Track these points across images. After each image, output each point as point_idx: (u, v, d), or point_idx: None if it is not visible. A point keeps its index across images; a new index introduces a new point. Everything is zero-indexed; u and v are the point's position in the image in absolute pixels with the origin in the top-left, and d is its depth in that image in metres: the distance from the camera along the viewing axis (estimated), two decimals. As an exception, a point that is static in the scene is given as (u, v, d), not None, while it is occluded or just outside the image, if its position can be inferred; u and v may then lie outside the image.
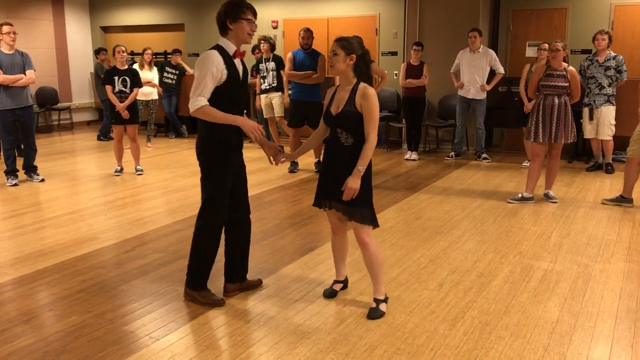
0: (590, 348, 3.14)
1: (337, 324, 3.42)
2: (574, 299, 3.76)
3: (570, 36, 9.16)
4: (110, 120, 8.03)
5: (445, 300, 3.75)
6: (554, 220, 5.56)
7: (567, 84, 5.93)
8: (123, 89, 7.54)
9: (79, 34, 13.27)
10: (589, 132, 7.81)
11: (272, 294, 3.84)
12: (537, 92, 6.13)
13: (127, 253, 4.70)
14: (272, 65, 8.64)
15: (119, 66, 7.60)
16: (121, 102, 7.48)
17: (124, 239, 5.05)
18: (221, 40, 3.53)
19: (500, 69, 8.60)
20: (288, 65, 7.66)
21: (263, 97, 8.93)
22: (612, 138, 7.68)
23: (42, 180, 7.38)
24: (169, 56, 11.54)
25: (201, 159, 3.59)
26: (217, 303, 3.66)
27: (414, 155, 8.87)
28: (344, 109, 3.37)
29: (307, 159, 8.29)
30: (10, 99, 6.98)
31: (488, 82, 8.61)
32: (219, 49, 3.48)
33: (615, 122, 7.65)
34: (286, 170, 7.88)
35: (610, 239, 4.98)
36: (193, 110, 3.42)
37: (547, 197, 6.28)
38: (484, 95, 8.65)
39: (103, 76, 8.05)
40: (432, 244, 4.86)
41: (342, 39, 3.39)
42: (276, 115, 8.83)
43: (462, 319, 3.48)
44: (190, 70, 11.01)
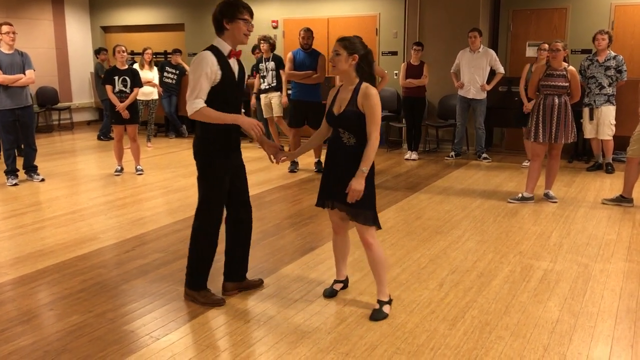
0: (591, 348, 3.14)
1: (337, 323, 3.42)
2: (574, 299, 3.76)
3: (570, 36, 9.17)
4: (111, 120, 8.04)
5: (445, 300, 3.75)
6: (554, 220, 5.56)
7: (567, 84, 5.93)
8: (123, 88, 7.55)
9: (79, 34, 13.28)
10: (589, 132, 7.81)
11: (272, 294, 3.84)
12: (537, 92, 6.13)
13: (128, 253, 4.70)
14: (271, 65, 8.64)
15: (119, 66, 7.61)
16: (121, 102, 7.49)
17: (124, 239, 5.05)
18: (216, 41, 3.51)
19: (501, 69, 8.61)
20: (288, 65, 7.66)
21: (262, 97, 8.94)
22: (612, 138, 7.68)
23: (42, 180, 7.38)
24: (169, 56, 11.54)
25: (197, 159, 3.60)
26: (217, 303, 3.66)
27: (414, 155, 8.87)
28: (346, 109, 3.36)
29: (307, 158, 8.30)
30: (10, 99, 6.98)
31: (488, 82, 8.61)
32: (213, 50, 3.47)
33: (615, 122, 7.65)
34: (286, 170, 7.88)
35: (611, 239, 4.98)
36: (191, 113, 3.42)
37: (547, 197, 6.28)
38: (484, 95, 8.66)
39: (103, 76, 8.05)
40: (432, 244, 4.86)
41: (345, 39, 3.37)
42: (275, 115, 8.82)
43: (462, 318, 3.48)
44: (190, 70, 11.01)
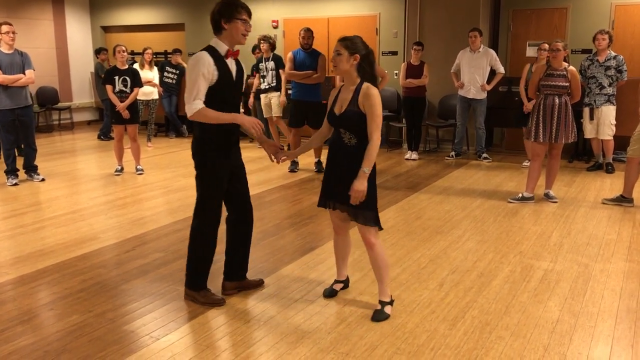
0: (591, 348, 3.14)
1: (338, 323, 3.42)
2: (574, 299, 3.76)
3: (570, 36, 9.16)
4: (111, 120, 8.04)
5: (445, 300, 3.75)
6: (554, 220, 5.55)
7: (567, 84, 5.92)
8: (123, 88, 7.54)
9: (79, 34, 13.27)
10: (589, 131, 7.80)
11: (272, 294, 3.84)
12: (537, 92, 6.13)
13: (128, 253, 4.70)
14: (271, 64, 8.64)
15: (120, 66, 7.60)
16: (121, 101, 7.49)
17: (124, 239, 5.05)
18: (213, 41, 3.50)
19: (501, 69, 8.60)
20: (288, 65, 7.66)
21: (262, 96, 8.94)
22: (612, 138, 7.68)
23: (43, 179, 7.38)
24: (169, 56, 11.54)
25: (195, 159, 3.60)
26: (217, 303, 3.66)
27: (414, 155, 8.87)
28: (347, 109, 3.34)
29: (307, 158, 8.29)
30: (10, 99, 6.98)
31: (488, 82, 8.61)
32: (210, 50, 3.46)
33: (615, 122, 7.65)
34: (286, 170, 7.88)
35: (611, 239, 4.98)
36: (191, 114, 3.41)
37: (547, 197, 6.27)
38: (484, 95, 8.65)
39: (103, 76, 8.05)
40: (432, 244, 4.86)
41: (346, 39, 3.35)
42: (274, 115, 8.81)
43: (463, 318, 3.48)
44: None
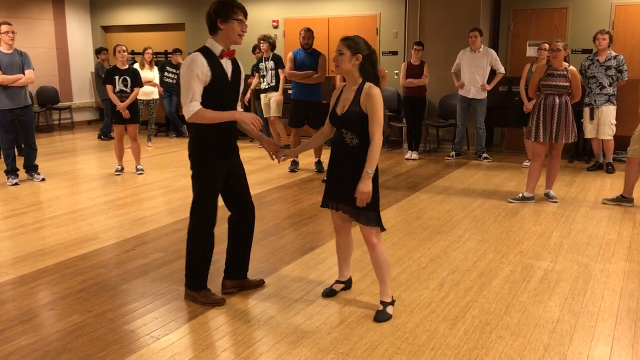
0: (591, 348, 3.14)
1: (338, 323, 3.42)
2: (575, 299, 3.76)
3: (570, 36, 9.17)
4: (111, 120, 8.04)
5: (445, 299, 3.75)
6: (554, 220, 5.55)
7: (567, 84, 5.92)
8: (124, 88, 7.55)
9: (79, 34, 13.28)
10: (589, 131, 7.80)
11: (272, 294, 3.84)
12: (537, 92, 6.13)
13: (128, 252, 4.70)
14: (271, 64, 8.65)
15: (120, 66, 7.61)
16: (122, 101, 7.49)
17: (124, 239, 5.05)
18: (209, 41, 3.50)
19: (501, 69, 8.60)
20: (289, 65, 7.66)
21: (262, 96, 8.94)
22: (612, 138, 7.68)
23: (43, 179, 7.38)
24: (169, 56, 11.54)
25: (192, 159, 3.60)
26: (218, 302, 3.66)
27: (414, 155, 8.87)
28: (349, 109, 3.33)
29: (307, 158, 8.29)
30: (9, 99, 6.97)
31: (489, 81, 8.61)
32: (204, 50, 3.46)
33: (615, 122, 7.65)
34: (286, 170, 7.88)
35: (611, 239, 4.98)
36: (189, 116, 3.41)
37: (547, 197, 6.27)
38: (484, 95, 8.65)
39: (104, 76, 8.05)
40: (432, 244, 4.86)
41: (348, 38, 3.32)
42: (272, 115, 8.81)
43: (463, 318, 3.47)
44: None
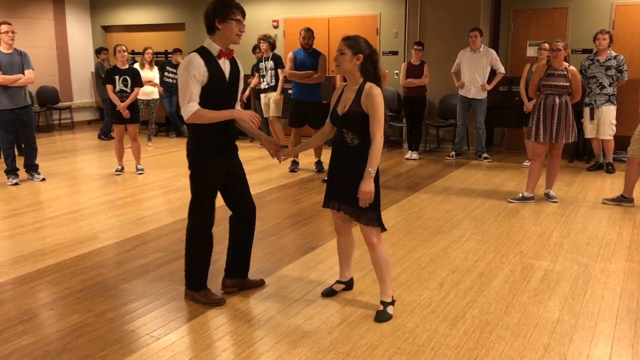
0: (591, 348, 3.14)
1: (338, 323, 3.42)
2: (575, 299, 3.76)
3: (571, 36, 9.16)
4: (111, 120, 8.04)
5: (445, 299, 3.75)
6: (554, 220, 5.55)
7: (568, 84, 5.92)
8: (124, 88, 7.55)
9: (79, 33, 13.27)
10: (589, 131, 7.80)
11: (272, 294, 3.84)
12: (537, 92, 6.12)
13: (128, 252, 4.70)
14: (270, 64, 8.64)
15: (120, 65, 7.61)
16: (122, 101, 7.48)
17: (124, 238, 5.05)
18: (206, 42, 3.50)
19: (501, 69, 8.60)
20: (289, 65, 7.66)
21: (262, 96, 8.94)
22: (612, 138, 7.68)
23: (43, 179, 7.38)
24: (169, 55, 11.55)
25: (190, 159, 3.61)
26: (218, 302, 3.66)
27: (414, 155, 8.87)
28: (350, 109, 3.32)
29: (307, 158, 8.29)
30: (9, 99, 6.96)
31: (489, 81, 8.61)
32: (201, 51, 3.45)
33: (616, 122, 7.65)
34: (286, 170, 7.88)
35: (611, 239, 4.98)
36: (187, 117, 3.43)
37: (547, 197, 6.27)
38: (484, 95, 8.65)
39: (104, 75, 8.05)
40: (432, 244, 4.86)
41: (350, 38, 3.31)
42: (270, 115, 8.80)
43: (463, 318, 3.47)
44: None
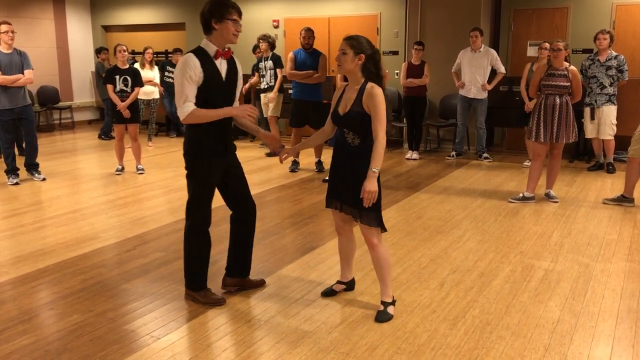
0: (592, 348, 3.14)
1: (338, 323, 3.42)
2: (575, 299, 3.76)
3: (571, 36, 9.16)
4: (112, 120, 8.04)
5: (446, 299, 3.75)
6: (555, 220, 5.55)
7: (568, 84, 5.92)
8: (124, 88, 7.55)
9: (80, 33, 13.27)
10: (590, 131, 7.80)
11: (272, 294, 3.84)
12: (538, 92, 6.12)
13: (128, 252, 4.70)
14: (270, 64, 8.65)
15: (120, 65, 7.61)
16: (122, 101, 7.49)
17: (125, 238, 5.05)
18: (203, 42, 3.49)
19: (502, 69, 8.60)
20: (289, 64, 7.66)
21: (262, 96, 8.94)
22: (613, 138, 7.67)
23: (44, 179, 7.38)
24: (170, 55, 11.55)
25: (186, 158, 3.61)
26: (218, 302, 3.66)
27: (414, 155, 8.87)
28: (351, 109, 3.32)
29: (307, 158, 8.29)
30: (9, 99, 6.96)
31: (489, 81, 8.61)
32: (197, 51, 3.45)
33: (616, 122, 7.64)
34: (287, 170, 7.88)
35: (612, 239, 4.98)
36: (183, 117, 3.42)
37: (548, 197, 6.27)
38: (485, 95, 8.65)
39: (104, 75, 8.06)
40: (433, 244, 4.86)
41: (352, 38, 3.30)
42: (269, 115, 8.79)
43: (463, 318, 3.47)
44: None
